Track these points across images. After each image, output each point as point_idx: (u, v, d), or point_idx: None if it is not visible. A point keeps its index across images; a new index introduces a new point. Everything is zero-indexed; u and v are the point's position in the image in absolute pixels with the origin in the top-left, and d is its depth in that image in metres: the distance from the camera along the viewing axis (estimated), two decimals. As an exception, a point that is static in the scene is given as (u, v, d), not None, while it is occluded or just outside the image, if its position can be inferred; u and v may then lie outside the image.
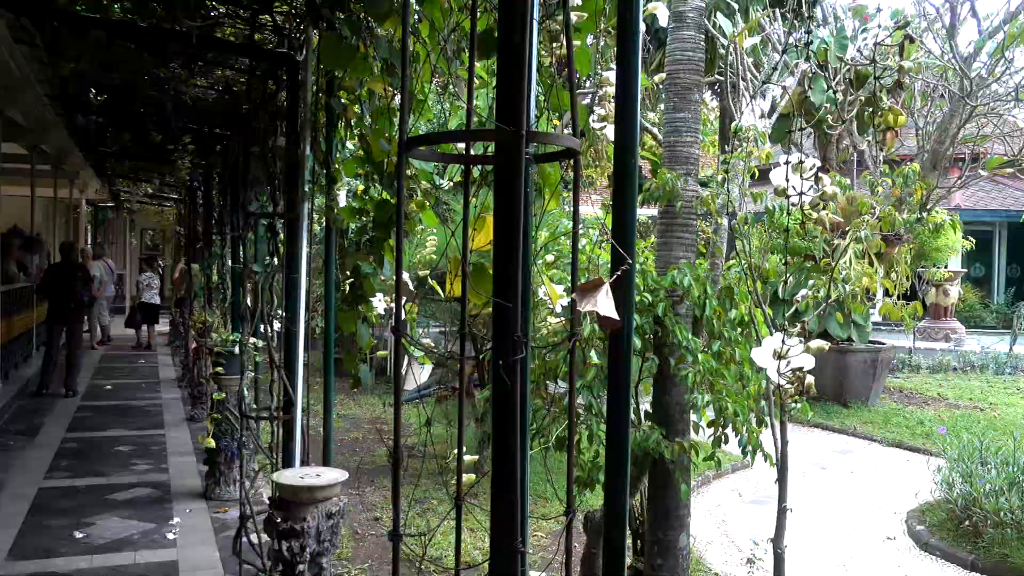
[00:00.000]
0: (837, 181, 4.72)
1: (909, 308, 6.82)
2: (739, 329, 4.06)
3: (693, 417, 4.24)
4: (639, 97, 1.91)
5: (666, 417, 4.20)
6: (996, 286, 23.87)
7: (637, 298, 3.81)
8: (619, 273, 1.89)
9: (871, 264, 10.97)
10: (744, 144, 4.12)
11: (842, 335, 10.91)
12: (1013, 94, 9.64)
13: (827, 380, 10.98)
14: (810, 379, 1.46)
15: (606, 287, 1.77)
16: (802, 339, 1.46)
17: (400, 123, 1.61)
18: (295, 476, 3.34)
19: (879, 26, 10.93)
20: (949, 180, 11.78)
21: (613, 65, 2.04)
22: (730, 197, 4.11)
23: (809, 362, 1.45)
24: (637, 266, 4.14)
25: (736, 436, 4.03)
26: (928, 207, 10.84)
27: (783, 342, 1.38)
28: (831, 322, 10.91)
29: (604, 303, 1.73)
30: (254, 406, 5.39)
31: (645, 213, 9.88)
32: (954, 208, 22.84)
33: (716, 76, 8.03)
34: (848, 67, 10.46)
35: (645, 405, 4.44)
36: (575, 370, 1.97)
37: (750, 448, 3.96)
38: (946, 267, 14.81)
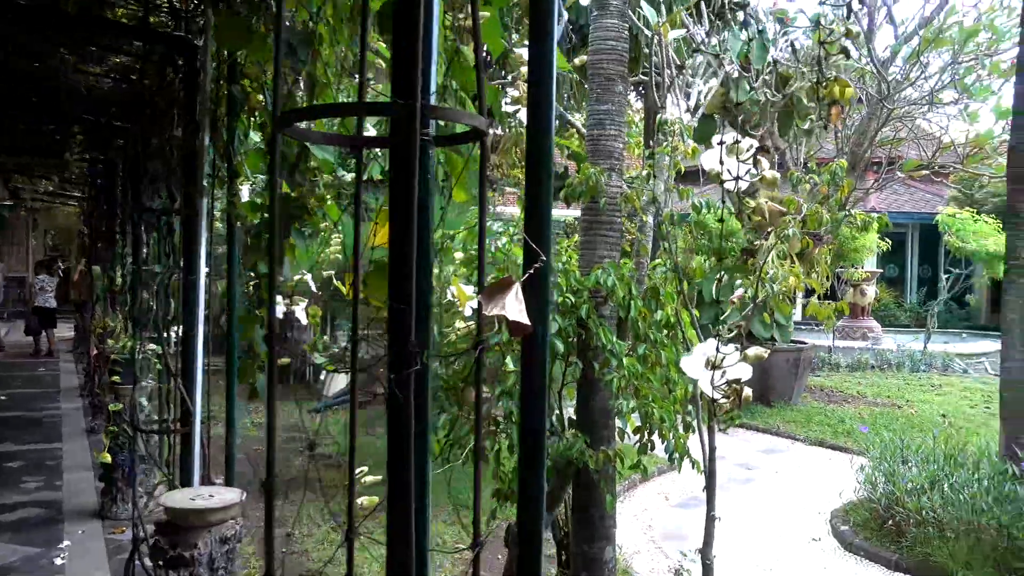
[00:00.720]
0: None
1: (836, 306, 6.87)
2: (665, 331, 3.91)
3: (618, 423, 4.07)
4: (555, 75, 1.70)
5: (591, 423, 4.02)
6: (909, 286, 24.67)
7: (559, 299, 3.62)
8: (532, 271, 1.67)
9: (793, 264, 11.09)
10: (669, 138, 3.97)
11: (766, 335, 10.98)
12: (927, 98, 9.84)
13: (751, 380, 11.04)
14: (747, 391, 1.24)
15: (516, 288, 1.55)
16: (739, 345, 1.25)
17: (274, 91, 1.36)
18: (186, 497, 3.03)
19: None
20: (867, 182, 12.00)
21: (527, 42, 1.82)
22: (655, 193, 3.95)
23: (746, 372, 1.23)
24: (559, 266, 3.95)
25: (663, 442, 3.89)
26: (848, 207, 11.00)
27: (717, 349, 1.17)
28: (755, 322, 10.97)
29: (512, 306, 1.51)
30: (154, 417, 5.02)
31: (570, 214, 9.75)
32: (869, 210, 23.52)
33: (641, 76, 7.96)
34: (771, 68, 10.55)
35: (569, 411, 4.25)
36: (488, 378, 1.75)
37: (677, 455, 3.81)
38: (863, 267, 15.17)
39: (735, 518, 6.34)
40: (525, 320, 1.51)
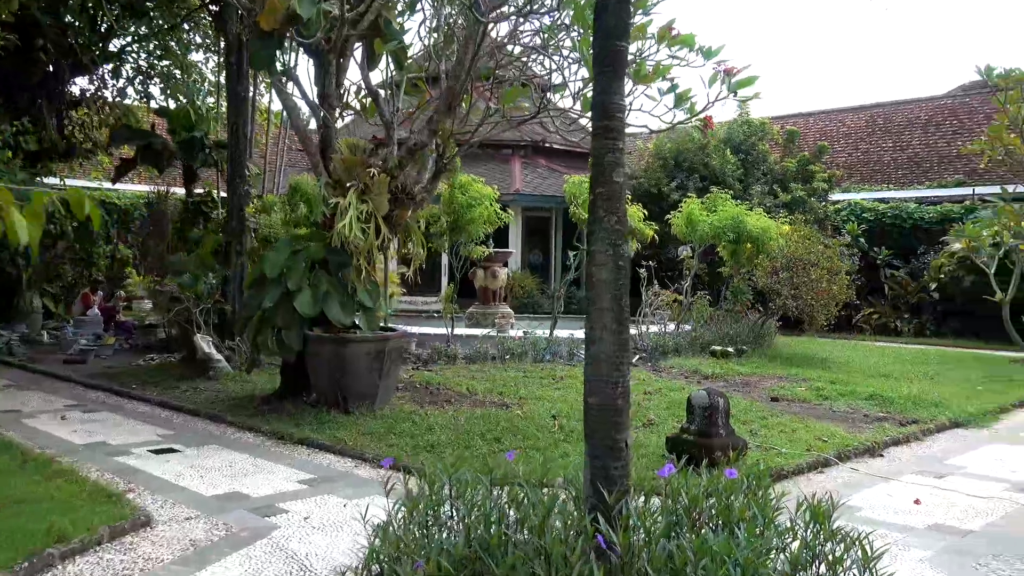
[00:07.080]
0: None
1: (446, 292, 4.44)
2: None
3: None
4: None
5: None
6: (554, 272, 24.07)
7: None
8: None
9: (377, 232, 8.60)
10: None
11: (346, 321, 8.43)
12: (524, 11, 7.91)
13: (324, 380, 8.41)
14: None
15: None
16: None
17: None
18: None
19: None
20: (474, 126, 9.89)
21: None
22: None
23: None
24: None
25: None
26: (447, 159, 8.81)
27: None
28: (332, 305, 8.38)
29: None
30: None
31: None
32: (514, 192, 22.38)
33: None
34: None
35: None
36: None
37: None
38: (488, 244, 13.30)
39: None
40: None
